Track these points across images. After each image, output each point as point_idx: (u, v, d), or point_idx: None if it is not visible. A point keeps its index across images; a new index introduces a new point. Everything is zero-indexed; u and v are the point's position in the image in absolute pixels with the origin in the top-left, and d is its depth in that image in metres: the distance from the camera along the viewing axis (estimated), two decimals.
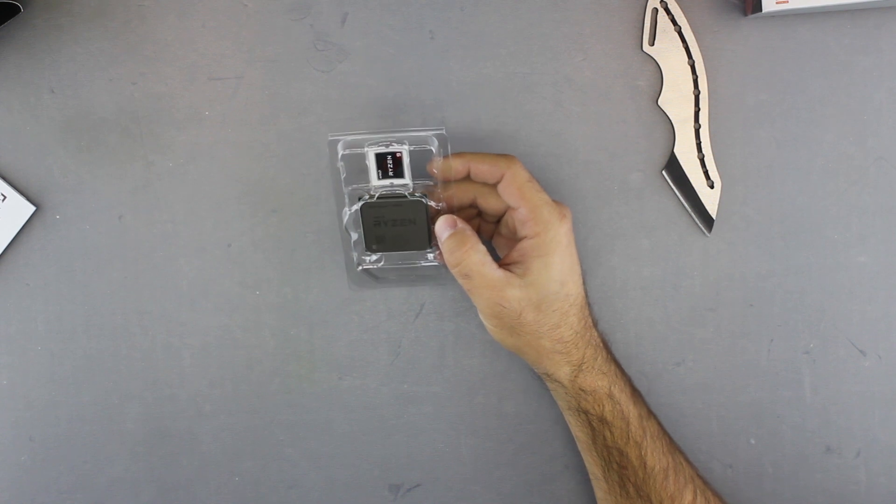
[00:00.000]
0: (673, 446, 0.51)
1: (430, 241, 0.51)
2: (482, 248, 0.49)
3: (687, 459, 0.52)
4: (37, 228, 0.56)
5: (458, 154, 0.50)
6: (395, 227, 0.50)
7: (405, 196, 0.50)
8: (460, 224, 0.50)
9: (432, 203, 0.50)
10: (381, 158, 0.49)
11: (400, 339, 0.57)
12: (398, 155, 0.49)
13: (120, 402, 0.56)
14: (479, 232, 0.54)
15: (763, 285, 0.56)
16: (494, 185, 0.50)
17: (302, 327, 0.56)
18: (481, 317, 0.51)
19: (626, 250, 0.56)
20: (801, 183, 0.56)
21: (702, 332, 0.56)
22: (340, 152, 0.50)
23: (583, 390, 0.50)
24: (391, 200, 0.50)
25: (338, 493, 0.57)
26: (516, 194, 0.48)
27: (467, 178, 0.50)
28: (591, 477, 0.54)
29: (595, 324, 0.52)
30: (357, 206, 0.50)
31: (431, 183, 0.50)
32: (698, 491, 0.50)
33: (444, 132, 0.49)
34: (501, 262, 0.50)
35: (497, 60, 0.55)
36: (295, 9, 0.55)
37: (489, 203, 0.51)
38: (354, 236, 0.52)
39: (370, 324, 0.57)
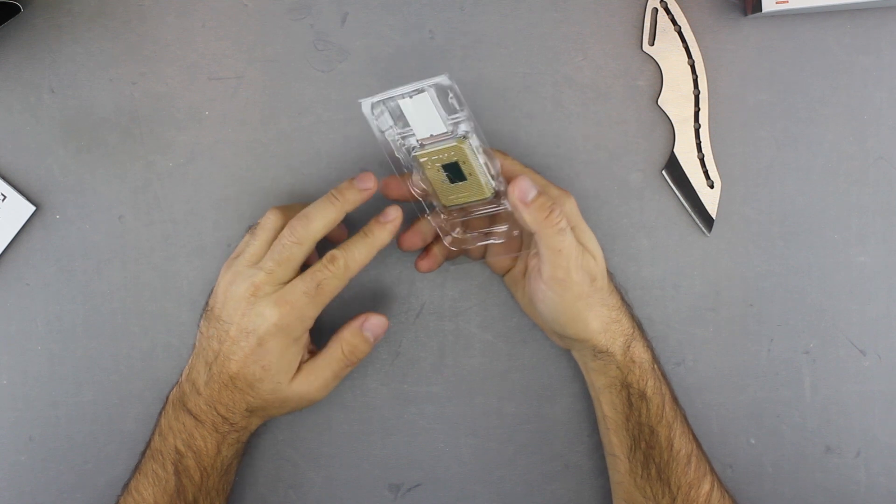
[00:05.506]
0: (695, 436, 0.52)
1: (488, 187, 0.48)
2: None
3: (706, 454, 0.52)
4: (37, 228, 0.56)
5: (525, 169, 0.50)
6: (451, 177, 0.48)
7: (449, 138, 0.46)
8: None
9: (476, 142, 0.47)
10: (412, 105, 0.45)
11: (400, 339, 0.57)
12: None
13: (120, 402, 0.56)
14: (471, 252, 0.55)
15: (763, 285, 0.56)
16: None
17: None
18: (550, 287, 0.48)
19: (626, 250, 0.56)
20: (801, 183, 0.56)
21: (702, 332, 0.56)
22: (376, 110, 0.46)
23: (633, 361, 0.50)
24: (438, 149, 0.47)
25: (338, 493, 0.57)
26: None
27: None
28: (610, 458, 0.53)
29: (624, 293, 0.53)
30: (415, 154, 0.47)
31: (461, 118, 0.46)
32: (716, 484, 0.51)
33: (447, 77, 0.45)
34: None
35: (497, 60, 0.55)
36: (295, 9, 0.55)
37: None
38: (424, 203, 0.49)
39: None
